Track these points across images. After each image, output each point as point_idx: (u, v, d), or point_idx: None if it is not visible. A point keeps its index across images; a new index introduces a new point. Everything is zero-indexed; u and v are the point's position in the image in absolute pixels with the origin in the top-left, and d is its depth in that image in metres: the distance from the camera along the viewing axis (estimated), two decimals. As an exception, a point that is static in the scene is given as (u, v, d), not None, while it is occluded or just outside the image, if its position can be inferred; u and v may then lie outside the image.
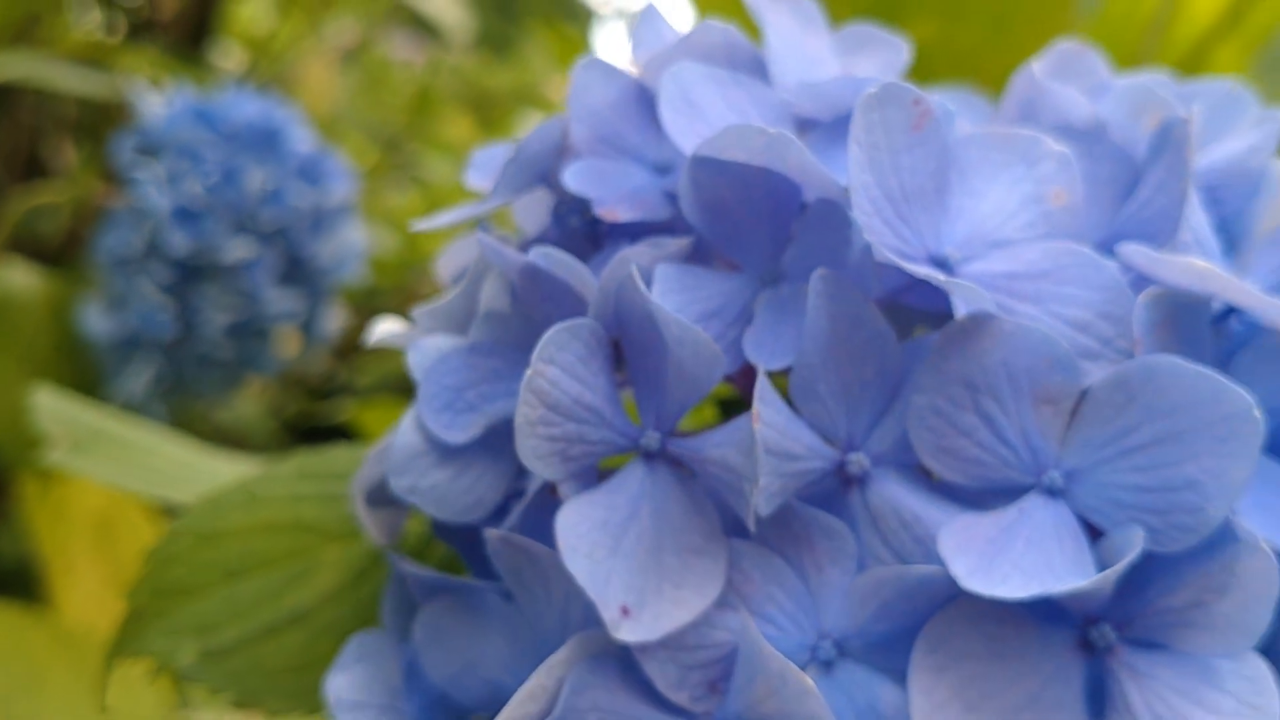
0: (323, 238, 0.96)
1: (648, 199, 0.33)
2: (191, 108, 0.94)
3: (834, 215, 0.30)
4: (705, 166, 0.31)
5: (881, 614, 0.29)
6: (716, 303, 0.31)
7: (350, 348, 1.47)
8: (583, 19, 1.99)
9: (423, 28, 1.85)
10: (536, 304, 0.32)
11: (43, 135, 1.21)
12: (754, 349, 0.30)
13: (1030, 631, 0.29)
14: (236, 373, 0.97)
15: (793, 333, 0.30)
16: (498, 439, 0.33)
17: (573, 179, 0.33)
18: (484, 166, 0.38)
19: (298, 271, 0.96)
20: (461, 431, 0.32)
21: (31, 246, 1.06)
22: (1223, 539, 0.27)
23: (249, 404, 1.30)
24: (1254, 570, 0.27)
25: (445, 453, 0.32)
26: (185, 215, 0.89)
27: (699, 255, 0.33)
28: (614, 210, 0.33)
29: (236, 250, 0.90)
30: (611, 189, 0.34)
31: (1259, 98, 0.37)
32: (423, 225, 0.36)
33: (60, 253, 1.06)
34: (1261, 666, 0.28)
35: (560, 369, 0.29)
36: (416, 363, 0.33)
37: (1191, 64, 0.83)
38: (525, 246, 0.37)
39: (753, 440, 0.28)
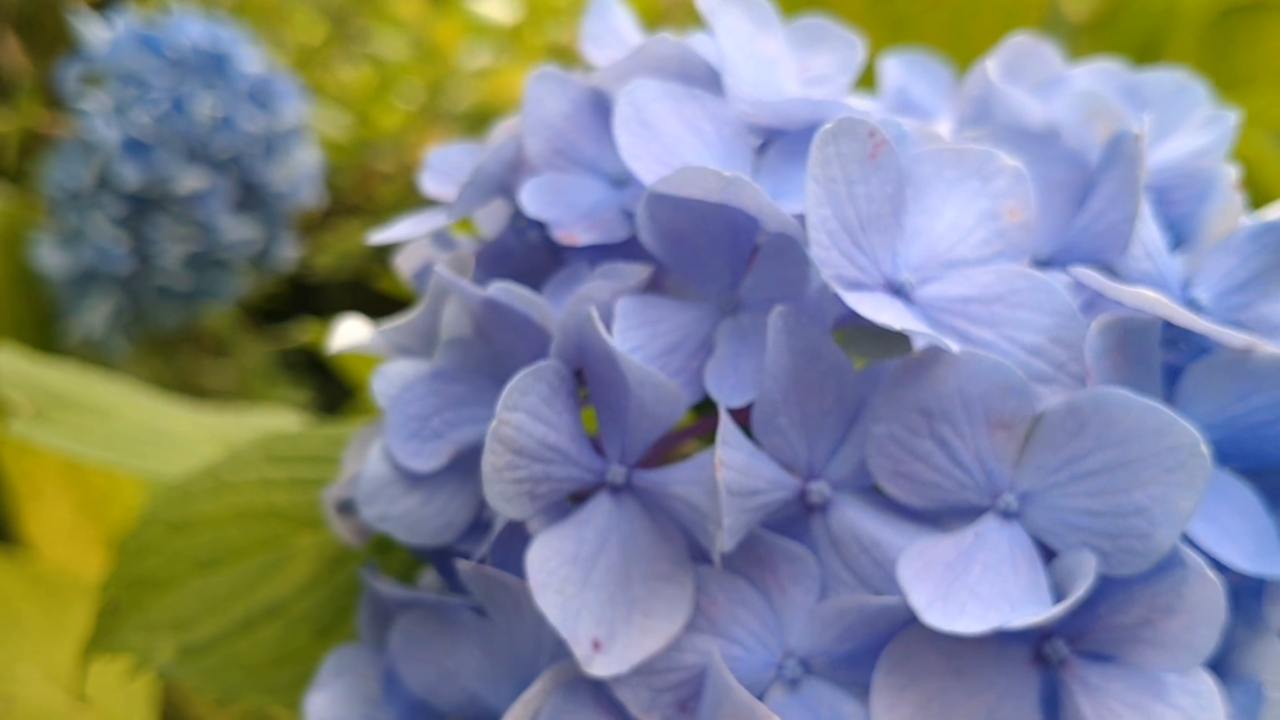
0: (276, 162, 0.95)
1: (605, 219, 0.33)
2: (135, 33, 0.92)
3: (791, 250, 0.30)
4: (662, 202, 0.31)
5: (845, 636, 0.30)
6: (677, 336, 0.31)
7: (311, 225, 1.46)
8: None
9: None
10: (498, 333, 0.33)
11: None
12: (715, 385, 0.30)
13: (987, 647, 0.30)
14: (196, 303, 0.96)
15: (752, 365, 0.30)
16: (465, 462, 0.33)
17: (530, 201, 0.33)
18: (439, 169, 0.38)
19: (252, 198, 0.95)
20: (429, 459, 0.33)
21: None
22: (1171, 563, 0.29)
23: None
24: (1200, 595, 0.28)
25: (414, 480, 0.33)
26: (135, 147, 0.88)
27: (658, 279, 0.33)
28: (572, 234, 0.33)
29: (189, 181, 0.89)
30: (568, 209, 0.34)
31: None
32: (380, 237, 0.36)
33: (10, 181, 1.04)
34: (1208, 682, 0.29)
35: (525, 413, 0.30)
36: (381, 390, 0.34)
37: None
38: (484, 252, 0.37)
39: (715, 481, 0.28)
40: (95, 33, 0.92)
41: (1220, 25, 1.20)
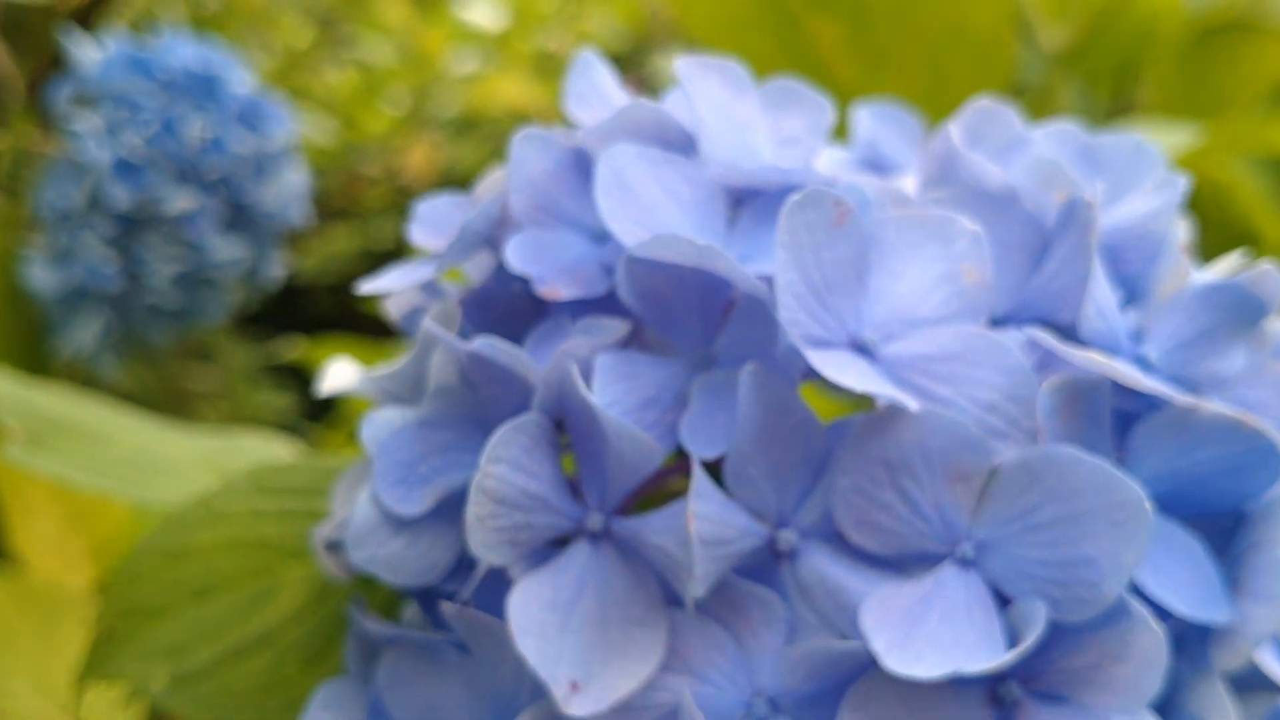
0: (265, 183, 0.96)
1: (586, 274, 0.35)
2: (126, 55, 0.93)
3: (760, 311, 0.32)
4: (641, 264, 0.33)
5: (810, 677, 0.32)
6: (653, 390, 0.33)
7: (295, 233, 1.47)
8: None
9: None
10: (483, 384, 0.34)
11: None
12: (689, 437, 0.32)
13: (944, 689, 0.31)
14: (185, 322, 0.97)
15: (724, 418, 0.32)
16: (449, 506, 0.35)
17: (514, 257, 0.35)
18: (428, 221, 0.40)
19: (241, 218, 0.96)
20: (415, 504, 0.34)
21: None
22: (1118, 612, 0.30)
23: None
24: (1145, 643, 0.30)
25: (399, 524, 0.35)
26: (126, 168, 0.89)
27: (637, 332, 0.35)
28: (555, 288, 0.34)
29: (179, 202, 0.90)
30: (550, 264, 0.35)
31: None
32: (369, 288, 0.38)
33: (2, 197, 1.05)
34: (1152, 725, 0.30)
35: (507, 465, 0.31)
36: (370, 436, 0.35)
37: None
38: (470, 299, 0.39)
39: (688, 531, 0.30)
40: (86, 54, 0.94)
41: (1197, 49, 1.21)
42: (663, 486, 0.37)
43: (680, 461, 0.36)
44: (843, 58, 0.83)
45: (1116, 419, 0.34)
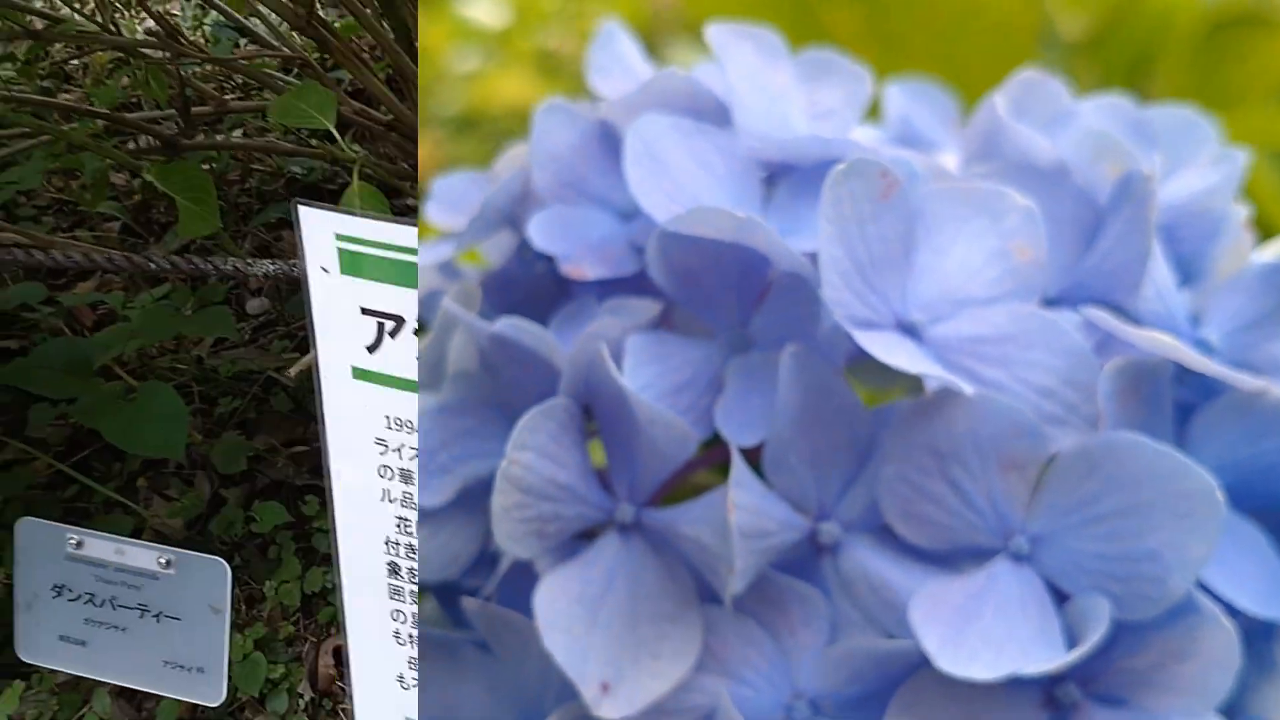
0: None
1: (614, 253, 0.33)
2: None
3: (802, 289, 0.30)
4: (675, 240, 0.31)
5: (854, 678, 0.30)
6: (687, 373, 0.31)
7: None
8: None
9: None
10: (506, 367, 0.32)
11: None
12: (725, 423, 0.30)
13: (998, 691, 0.29)
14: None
15: (762, 403, 0.30)
16: (471, 497, 0.33)
17: (538, 234, 0.33)
18: (445, 199, 0.38)
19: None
20: (436, 494, 0.33)
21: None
22: (1184, 609, 0.28)
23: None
24: (1215, 641, 0.28)
25: (420, 515, 0.33)
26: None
27: (665, 315, 0.33)
28: (580, 268, 0.33)
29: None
30: (576, 242, 0.33)
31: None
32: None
33: None
34: (1219, 728, 0.29)
35: (534, 452, 0.29)
36: (388, 425, 0.34)
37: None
38: (489, 281, 0.37)
39: (726, 521, 0.28)
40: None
41: (1210, 42, 1.20)
42: (685, 481, 0.35)
43: (706, 454, 0.34)
44: (860, 44, 0.81)
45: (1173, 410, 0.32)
